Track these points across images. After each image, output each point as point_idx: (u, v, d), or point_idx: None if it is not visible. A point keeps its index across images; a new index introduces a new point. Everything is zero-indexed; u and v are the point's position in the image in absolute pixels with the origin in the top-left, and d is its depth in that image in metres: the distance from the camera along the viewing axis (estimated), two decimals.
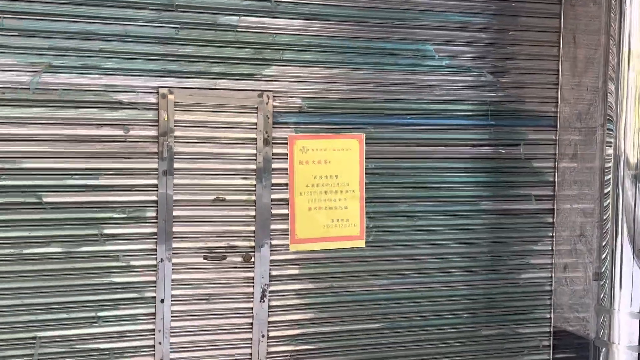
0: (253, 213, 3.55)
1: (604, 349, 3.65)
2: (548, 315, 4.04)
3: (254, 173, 3.55)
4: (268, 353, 3.60)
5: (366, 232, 3.72)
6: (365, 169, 3.70)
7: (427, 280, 3.84)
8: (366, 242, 3.72)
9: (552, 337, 4.05)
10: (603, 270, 3.70)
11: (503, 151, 3.94)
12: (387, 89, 3.71)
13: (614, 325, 3.63)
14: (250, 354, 3.56)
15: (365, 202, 3.71)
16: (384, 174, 3.76)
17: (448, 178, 3.85)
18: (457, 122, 3.83)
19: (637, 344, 3.58)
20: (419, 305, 3.83)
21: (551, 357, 4.09)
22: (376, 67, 3.67)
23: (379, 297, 3.76)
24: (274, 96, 3.52)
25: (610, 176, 3.65)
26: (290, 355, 3.65)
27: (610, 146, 3.64)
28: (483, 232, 3.91)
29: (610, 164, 3.65)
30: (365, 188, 3.71)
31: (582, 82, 3.87)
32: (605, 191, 3.68)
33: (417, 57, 3.72)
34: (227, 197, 3.52)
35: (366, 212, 3.72)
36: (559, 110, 3.96)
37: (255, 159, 3.54)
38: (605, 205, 3.68)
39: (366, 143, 3.70)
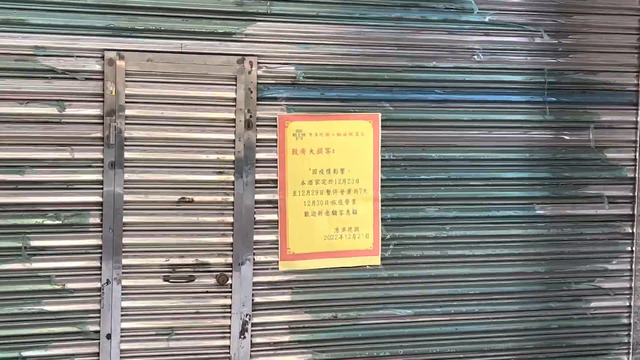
0: (231, 219, 3.46)
1: None
2: (625, 358, 3.97)
3: (232, 166, 3.45)
4: None
5: (382, 245, 3.65)
6: (382, 160, 3.63)
7: (464, 310, 3.77)
8: (382, 259, 3.66)
9: None
10: None
11: (566, 137, 3.85)
12: (412, 53, 3.64)
13: None
14: None
15: (381, 205, 3.64)
16: (406, 167, 3.68)
17: (492, 173, 3.77)
18: (504, 98, 3.76)
19: None
20: (454, 344, 3.77)
21: None
22: (397, 24, 3.60)
23: (399, 333, 3.70)
24: (258, 62, 3.44)
25: None
26: None
27: None
28: (539, 246, 3.84)
29: None
30: (381, 186, 3.63)
31: None
32: None
33: (451, 10, 3.65)
34: (196, 198, 3.43)
35: (382, 219, 3.64)
36: None
37: (234, 147, 3.44)
38: None
39: (383, 126, 3.62)
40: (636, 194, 3.90)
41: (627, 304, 3.93)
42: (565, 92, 3.80)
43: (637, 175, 3.90)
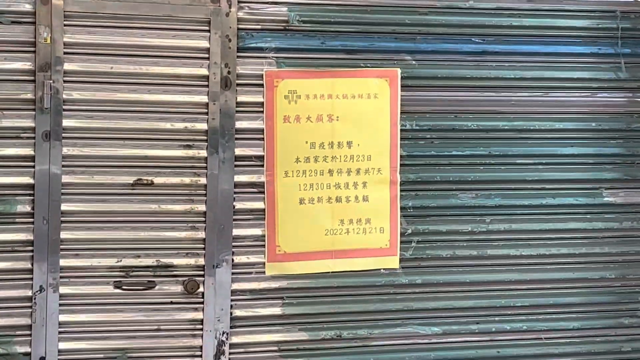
0: (202, 208, 3.53)
1: None
2: None
3: (205, 137, 3.51)
4: None
5: (402, 242, 3.74)
6: (401, 131, 3.70)
7: (509, 327, 3.89)
8: (401, 261, 3.74)
9: None
10: None
11: None
12: None
13: None
14: None
15: (401, 191, 3.72)
16: (433, 140, 3.76)
17: (546, 149, 3.88)
18: (562, 49, 3.85)
19: None
20: None
21: None
22: None
23: (424, 357, 3.80)
24: (239, 1, 3.49)
25: None
26: None
27: None
28: (608, 244, 3.96)
29: None
30: (401, 166, 3.71)
31: None
32: None
33: None
34: (157, 180, 3.50)
35: (402, 208, 3.74)
36: None
37: (207, 113, 3.49)
38: None
39: (403, 85, 3.69)
40: None
41: None
42: None
43: None
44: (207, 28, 3.46)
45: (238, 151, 3.54)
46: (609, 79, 3.88)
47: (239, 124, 3.54)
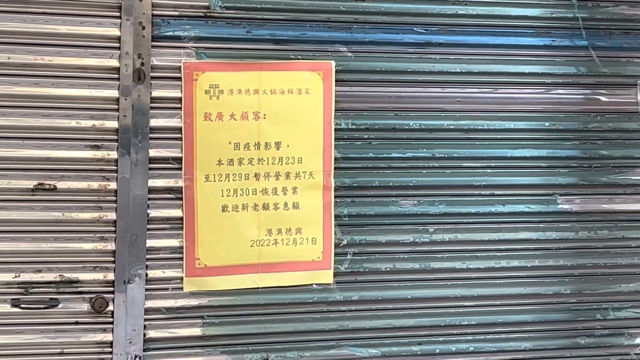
0: (112, 216, 3.61)
1: None
2: None
3: (115, 137, 3.60)
4: None
5: (336, 254, 3.83)
6: (335, 131, 3.80)
7: (454, 348, 4.00)
8: (335, 275, 3.84)
9: None
10: None
11: (603, 99, 4.08)
12: None
13: None
14: None
15: (335, 197, 3.82)
16: (371, 141, 3.85)
17: (496, 151, 3.99)
18: (514, 41, 3.97)
19: None
20: None
21: None
22: None
23: None
24: None
25: None
26: None
27: None
28: (563, 256, 4.08)
29: None
30: (335, 169, 3.82)
31: None
32: None
33: None
34: (60, 185, 3.56)
35: (336, 216, 3.84)
36: None
37: (118, 110, 3.59)
38: None
39: (337, 80, 3.79)
40: None
41: None
42: (602, 34, 4.02)
43: None
44: (117, 14, 3.52)
45: (153, 152, 3.61)
46: (564, 74, 3.99)
47: (154, 122, 3.61)
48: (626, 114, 4.09)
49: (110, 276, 3.60)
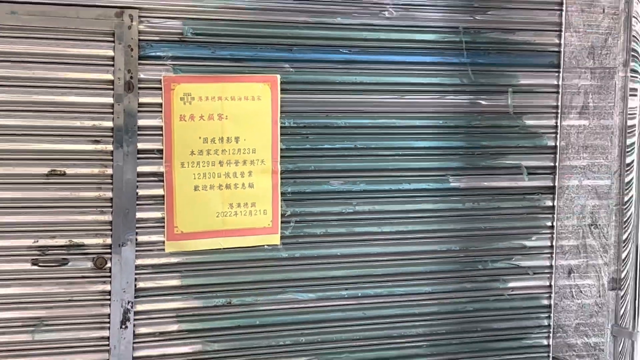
0: (109, 195, 3.65)
1: None
2: (546, 342, 4.34)
3: (111, 134, 3.63)
4: None
5: (282, 222, 3.89)
6: (281, 128, 3.86)
7: (373, 293, 4.05)
8: (282, 238, 3.89)
9: None
10: (623, 275, 3.99)
11: (483, 102, 4.18)
12: (314, 7, 3.87)
13: (639, 354, 3.94)
14: None
15: (281, 178, 3.88)
16: (308, 136, 3.93)
17: (402, 142, 4.07)
18: (416, 59, 4.05)
19: None
20: (361, 330, 4.03)
21: None
22: None
23: (301, 319, 3.95)
24: (140, 16, 3.62)
25: (635, 139, 3.97)
26: None
27: (636, 95, 3.95)
28: (453, 222, 4.17)
29: (636, 122, 3.96)
30: (281, 157, 3.87)
31: (597, 2, 4.12)
32: (628, 161, 3.98)
33: None
34: (68, 171, 3.59)
35: (282, 193, 3.88)
36: (562, 42, 4.22)
37: (112, 113, 3.62)
38: (627, 181, 3.99)
39: (282, 89, 3.84)
40: (557, 164, 4.29)
41: (548, 283, 4.32)
42: (482, 53, 4.14)
43: (558, 144, 4.28)
44: (112, 39, 3.58)
45: (140, 145, 3.66)
46: (452, 84, 4.09)
47: (141, 122, 3.66)
48: (500, 114, 4.20)
49: (108, 241, 3.65)
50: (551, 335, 4.37)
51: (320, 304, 3.98)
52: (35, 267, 3.57)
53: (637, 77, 3.91)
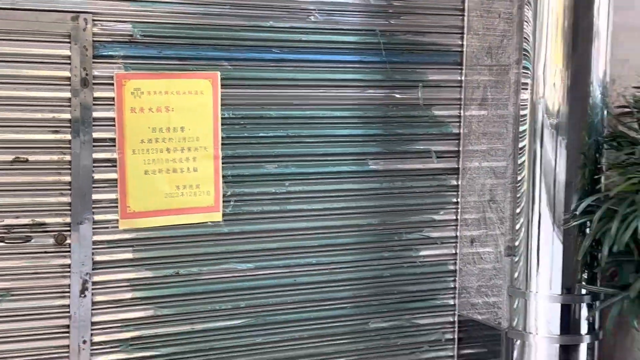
0: (68, 179, 3.63)
1: (518, 341, 4.09)
2: (452, 302, 4.43)
3: (68, 125, 3.61)
4: None
5: (223, 201, 3.90)
6: (221, 119, 3.86)
7: (303, 262, 4.09)
8: (223, 215, 3.90)
9: (456, 329, 4.45)
10: (517, 243, 4.11)
11: (397, 96, 4.23)
12: (249, 12, 3.87)
13: (530, 311, 4.06)
14: None
15: (222, 163, 3.88)
16: (245, 125, 3.94)
17: (327, 130, 4.10)
18: (338, 58, 4.08)
19: (558, 333, 4.02)
20: (293, 295, 4.08)
21: (456, 353, 4.50)
22: None
23: (241, 286, 3.97)
24: (94, 20, 3.59)
25: (525, 126, 4.05)
26: None
27: (526, 89, 4.03)
28: (372, 199, 4.21)
29: (526, 112, 4.04)
30: (222, 144, 3.87)
31: (493, 7, 4.24)
32: (520, 145, 4.08)
33: None
34: (31, 158, 3.58)
35: (223, 176, 3.89)
36: (464, 43, 4.29)
37: (70, 106, 3.60)
38: (519, 163, 4.09)
39: (222, 84, 3.84)
40: (461, 148, 4.40)
41: (453, 251, 4.44)
42: (396, 53, 4.16)
43: (461, 131, 4.39)
44: (68, 40, 3.56)
45: (95, 135, 3.64)
46: (370, 79, 4.13)
47: (96, 114, 3.64)
48: (412, 105, 4.26)
49: (68, 220, 3.64)
50: (456, 296, 4.48)
51: (257, 273, 4.01)
52: (2, 244, 3.56)
53: (527, 73, 3.99)
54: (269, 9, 3.95)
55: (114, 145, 3.70)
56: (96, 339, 3.74)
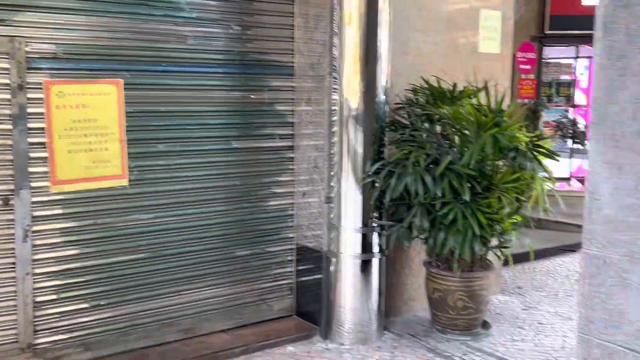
0: (10, 157, 3.59)
1: (334, 259, 4.43)
2: (291, 235, 4.60)
3: (9, 118, 3.57)
4: (34, 289, 3.74)
5: (129, 171, 3.91)
6: (125, 112, 3.85)
7: (187, 212, 4.15)
8: (129, 181, 3.90)
9: (295, 253, 4.62)
10: (332, 195, 4.41)
11: (251, 96, 4.34)
12: (143, 37, 3.87)
13: (341, 239, 4.37)
14: (16, 291, 3.70)
15: (127, 144, 3.87)
16: (142, 117, 3.94)
17: (202, 120, 4.14)
18: (209, 69, 4.13)
19: (359, 252, 4.39)
20: (180, 235, 4.15)
21: (295, 269, 4.77)
22: (132, 16, 3.80)
23: (142, 230, 4.00)
24: (27, 42, 3.56)
25: (336, 117, 4.34)
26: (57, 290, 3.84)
27: (336, 92, 4.32)
28: (235, 167, 4.30)
29: (336, 107, 4.33)
30: (126, 131, 3.86)
31: (314, 37, 4.49)
32: (332, 130, 4.38)
33: (170, 8, 3.94)
34: None
35: (128, 153, 3.88)
36: (295, 60, 4.44)
37: (10, 104, 3.56)
38: (332, 141, 4.38)
39: (125, 88, 3.83)
40: (295, 132, 4.61)
41: (291, 201, 4.64)
42: (250, 66, 4.29)
43: (295, 121, 4.61)
44: (7, 57, 3.54)
45: (30, 125, 3.62)
46: (233, 85, 4.20)
47: (30, 110, 3.61)
48: (262, 103, 4.38)
49: (12, 187, 3.63)
50: (295, 231, 4.71)
51: (155, 221, 4.04)
52: None
53: (336, 81, 4.24)
54: (158, 35, 4.00)
55: (44, 133, 3.66)
56: (37, 271, 3.76)
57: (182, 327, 4.27)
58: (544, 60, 10.96)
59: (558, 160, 4.37)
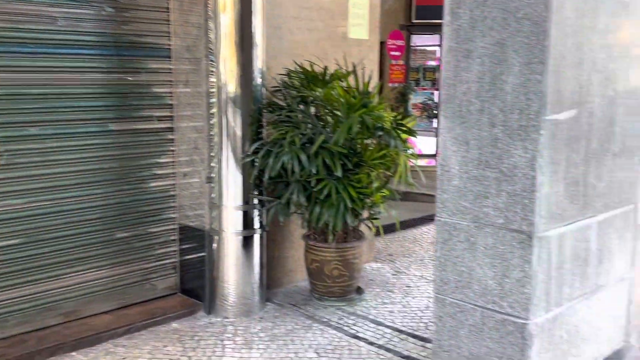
0: None
1: (216, 237, 4.49)
2: (174, 215, 4.60)
3: None
4: None
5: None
6: None
7: (64, 195, 4.05)
8: (0, 165, 3.78)
9: (178, 232, 4.63)
10: (213, 175, 4.46)
11: (129, 78, 4.27)
12: (13, 18, 3.74)
13: (223, 217, 4.44)
14: None
15: None
16: (13, 99, 3.81)
17: (78, 103, 4.05)
18: (83, 51, 4.04)
19: (241, 229, 4.49)
20: (58, 219, 4.04)
21: (178, 248, 4.79)
22: None
23: (16, 216, 3.89)
24: None
25: (214, 99, 4.37)
26: None
27: (213, 75, 4.35)
28: (114, 150, 4.23)
29: (214, 89, 4.36)
30: None
31: (189, 20, 4.46)
32: (211, 111, 4.41)
33: None
34: None
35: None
36: (171, 43, 4.41)
37: None
38: (212, 123, 4.42)
39: None
40: (174, 114, 4.59)
41: (173, 182, 4.63)
42: (127, 48, 4.20)
43: (174, 102, 4.59)
44: None
45: None
46: (110, 67, 4.14)
47: None
48: (140, 85, 4.30)
49: None
50: (177, 211, 4.71)
51: (28, 206, 3.93)
52: None
53: (213, 64, 4.27)
54: (25, 16, 3.84)
55: None
56: None
57: (64, 311, 4.20)
58: (412, 47, 11.59)
59: (416, 137, 4.72)
